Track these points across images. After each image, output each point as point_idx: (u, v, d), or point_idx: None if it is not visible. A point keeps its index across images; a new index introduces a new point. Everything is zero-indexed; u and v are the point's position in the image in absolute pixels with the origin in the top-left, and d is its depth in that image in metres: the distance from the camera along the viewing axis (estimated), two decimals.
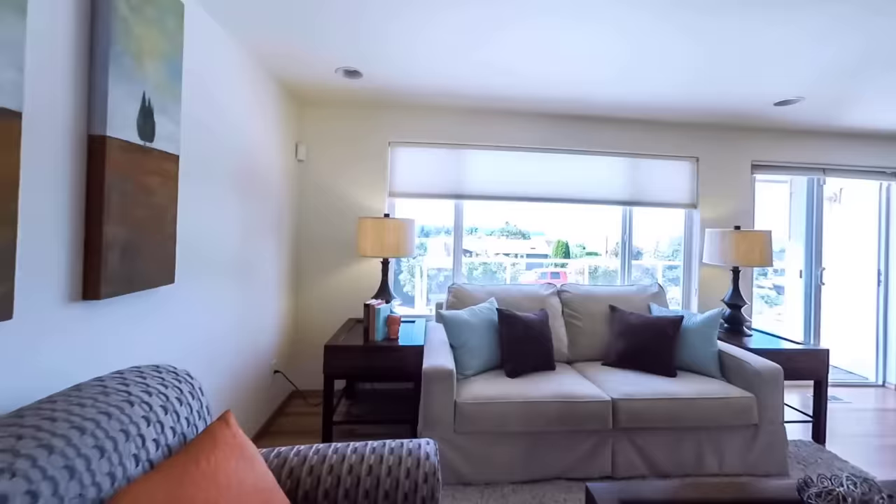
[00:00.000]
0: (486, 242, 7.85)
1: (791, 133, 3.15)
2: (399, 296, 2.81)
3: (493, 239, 8.10)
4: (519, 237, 7.79)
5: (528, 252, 7.27)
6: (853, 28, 1.69)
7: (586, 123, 2.96)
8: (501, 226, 8.18)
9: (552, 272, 6.12)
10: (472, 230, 8.81)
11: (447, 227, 8.68)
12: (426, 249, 6.97)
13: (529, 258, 7.13)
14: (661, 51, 1.92)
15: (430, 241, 7.25)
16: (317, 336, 2.64)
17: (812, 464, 1.97)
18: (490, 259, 6.42)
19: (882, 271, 3.27)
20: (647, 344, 2.09)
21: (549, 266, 6.56)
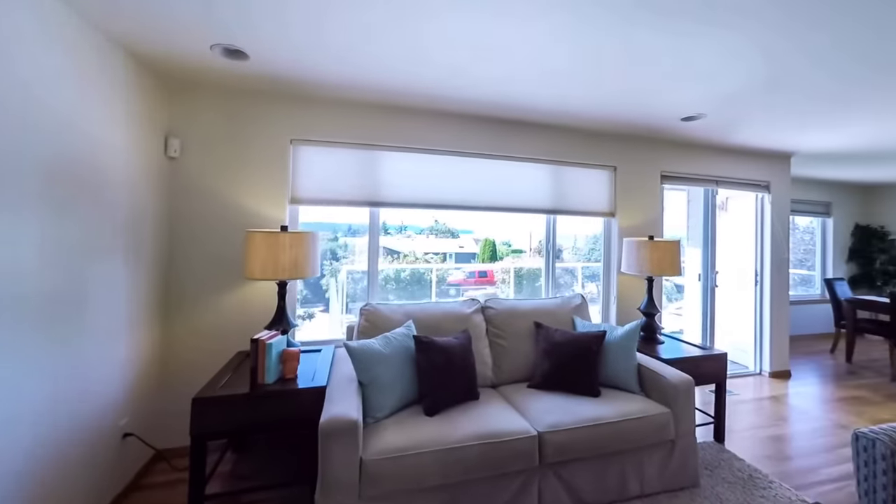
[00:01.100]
0: (415, 242, 7.60)
1: (694, 147, 3.39)
2: (323, 302, 2.41)
3: (423, 238, 7.88)
4: (448, 236, 7.69)
5: (457, 251, 7.19)
6: (755, 51, 1.75)
7: (511, 128, 2.83)
8: (431, 224, 7.99)
9: (480, 271, 6.10)
10: (402, 228, 8.49)
11: None
12: (352, 251, 6.48)
13: (459, 259, 7.07)
14: (592, 57, 1.81)
15: (357, 242, 6.77)
16: (194, 377, 2.13)
17: (717, 468, 2.08)
18: (419, 262, 6.17)
19: (758, 272, 3.71)
20: (572, 363, 2.02)
21: (477, 264, 6.57)
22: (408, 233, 8.47)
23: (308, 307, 5.72)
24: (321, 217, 2.56)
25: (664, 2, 1.39)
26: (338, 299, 2.67)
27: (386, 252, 6.73)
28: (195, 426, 1.49)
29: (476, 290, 5.63)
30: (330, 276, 4.80)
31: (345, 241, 6.66)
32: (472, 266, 6.65)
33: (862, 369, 3.89)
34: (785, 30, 1.57)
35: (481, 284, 5.81)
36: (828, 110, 2.49)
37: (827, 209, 5.41)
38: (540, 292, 3.23)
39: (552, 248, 3.05)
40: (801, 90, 2.17)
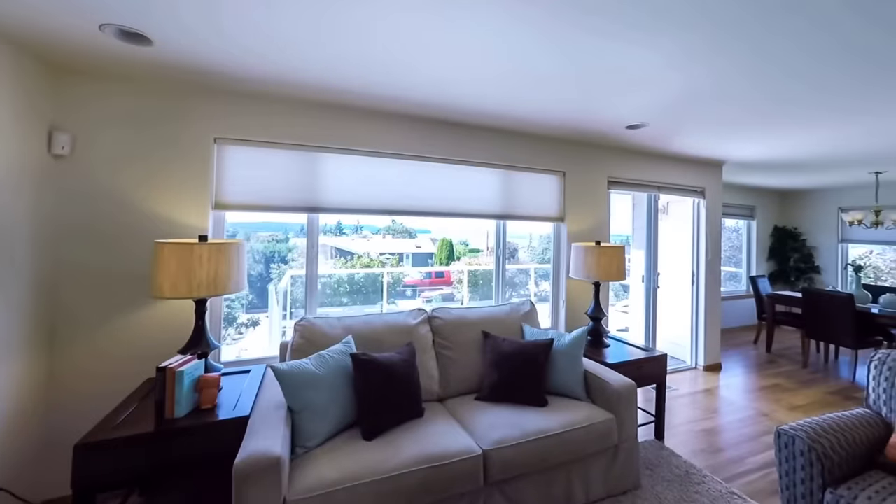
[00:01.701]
0: (371, 242, 7.36)
1: (638, 154, 3.52)
2: (268, 307, 2.18)
3: (380, 238, 7.66)
4: (406, 236, 7.54)
5: (414, 251, 7.08)
6: (691, 63, 1.78)
7: (460, 131, 2.76)
8: (388, 224, 7.80)
9: (436, 272, 6.04)
10: (359, 228, 8.20)
11: (329, 225, 7.87)
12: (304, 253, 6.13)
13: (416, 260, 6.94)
14: (538, 62, 1.77)
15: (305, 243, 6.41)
16: (92, 411, 1.82)
17: (657, 466, 2.15)
18: (374, 263, 5.95)
19: (694, 272, 3.96)
20: (520, 373, 1.98)
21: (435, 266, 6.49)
22: (364, 233, 8.21)
23: (255, 313, 5.33)
24: (270, 216, 2.33)
25: (612, 9, 1.35)
26: (279, 308, 2.44)
27: (338, 253, 6.41)
28: (79, 477, 1.24)
29: (432, 290, 5.55)
30: (278, 281, 4.51)
31: (295, 242, 6.28)
32: (429, 268, 6.55)
33: (779, 358, 4.29)
34: (718, 46, 1.61)
35: (437, 285, 5.74)
36: (753, 124, 2.66)
37: (751, 212, 5.93)
38: (503, 292, 3.20)
39: (503, 254, 3.03)
40: (731, 104, 2.28)
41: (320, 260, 2.65)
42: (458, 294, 5.49)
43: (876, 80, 1.91)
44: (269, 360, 2.23)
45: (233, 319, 4.00)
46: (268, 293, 2.72)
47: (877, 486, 1.52)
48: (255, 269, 4.45)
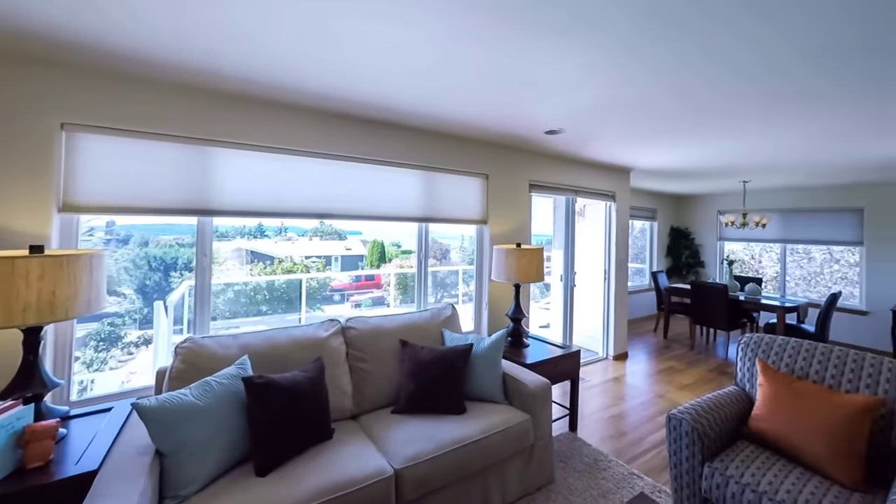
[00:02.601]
0: (297, 245, 6.87)
1: (558, 159, 3.72)
2: (181, 320, 1.83)
3: (306, 240, 7.19)
4: (335, 238, 7.17)
5: (344, 254, 6.76)
6: (600, 76, 1.86)
7: (380, 130, 2.65)
8: (316, 225, 7.35)
9: (366, 275, 5.85)
10: (282, 230, 7.61)
11: (249, 228, 7.15)
12: (216, 258, 5.46)
13: (346, 262, 6.63)
14: (458, 64, 1.72)
15: (222, 247, 5.74)
16: None
17: (569, 458, 2.28)
18: (298, 268, 5.54)
19: (606, 270, 4.32)
20: (438, 381, 1.95)
21: (364, 268, 6.27)
22: (289, 235, 7.64)
23: (150, 328, 4.61)
24: (172, 217, 1.98)
25: (531, 14, 1.35)
26: (168, 327, 2.07)
27: (255, 258, 5.85)
28: None
29: (362, 294, 5.34)
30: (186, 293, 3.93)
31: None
32: (358, 271, 6.28)
33: (673, 343, 4.90)
34: (621, 63, 1.70)
35: (367, 288, 5.55)
36: (652, 136, 2.94)
37: (654, 214, 6.68)
38: (425, 296, 3.14)
39: (425, 257, 2.98)
40: (634, 116, 2.48)
41: (234, 266, 2.34)
42: (389, 297, 5.36)
43: (738, 107, 2.22)
44: (142, 392, 1.91)
45: (116, 339, 3.40)
46: (163, 307, 2.31)
47: (742, 455, 1.75)
48: (152, 277, 3.85)
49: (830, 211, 5.38)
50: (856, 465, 1.59)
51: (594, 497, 1.95)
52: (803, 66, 1.73)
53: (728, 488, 1.62)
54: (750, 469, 1.65)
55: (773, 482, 1.57)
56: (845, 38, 1.48)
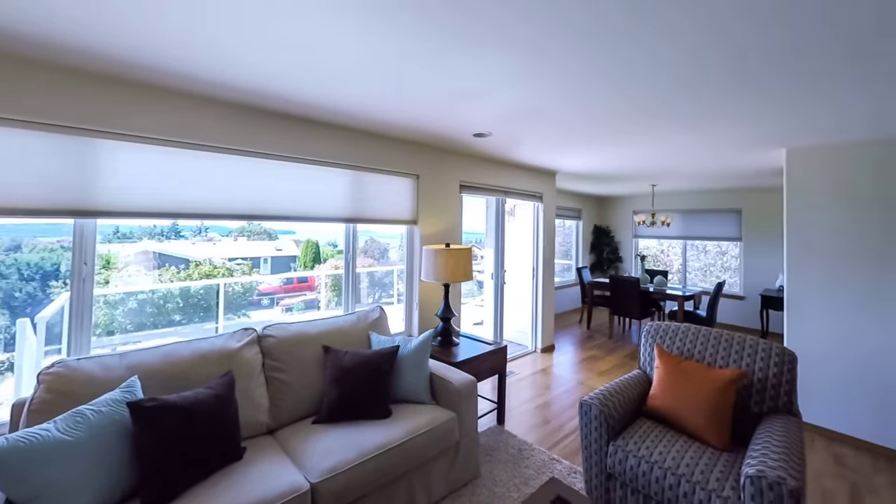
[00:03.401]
0: (219, 247, 6.28)
1: (487, 161, 3.84)
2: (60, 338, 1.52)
3: (230, 241, 6.60)
4: (264, 237, 6.67)
5: (274, 255, 6.31)
6: (521, 81, 1.91)
7: (305, 127, 2.52)
8: (242, 225, 6.77)
9: (299, 277, 5.54)
10: (202, 230, 6.91)
11: (161, 228, 6.40)
12: (116, 263, 4.76)
13: (277, 264, 6.19)
14: (383, 63, 1.68)
15: (122, 250, 5.03)
16: None
17: (496, 451, 2.38)
18: (219, 271, 5.05)
19: (535, 268, 4.57)
20: (363, 387, 1.91)
21: (297, 270, 5.93)
22: (209, 235, 6.96)
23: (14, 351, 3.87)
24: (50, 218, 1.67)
25: (449, 22, 1.36)
26: (36, 348, 1.71)
27: (164, 261, 5.19)
28: None
29: (293, 297, 5.04)
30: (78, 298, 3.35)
31: (107, 249, 4.86)
32: (290, 273, 5.89)
33: (596, 333, 5.34)
34: (540, 72, 1.77)
35: (300, 291, 5.25)
36: (573, 142, 3.11)
37: (579, 214, 7.21)
38: (362, 296, 3.05)
39: (353, 259, 2.91)
40: (554, 124, 2.59)
41: (139, 271, 2.06)
42: (324, 300, 5.13)
43: (646, 119, 2.46)
44: None
45: None
46: (30, 325, 1.94)
47: (640, 431, 1.95)
48: (24, 289, 3.21)
49: (718, 211, 6.24)
50: (724, 429, 1.86)
51: (516, 485, 2.05)
52: (681, 92, 1.97)
53: (627, 462, 1.80)
54: (645, 443, 1.85)
55: (662, 452, 1.77)
56: (717, 69, 1.71)
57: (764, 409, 1.94)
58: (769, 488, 1.40)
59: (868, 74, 1.75)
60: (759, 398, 1.95)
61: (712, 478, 1.61)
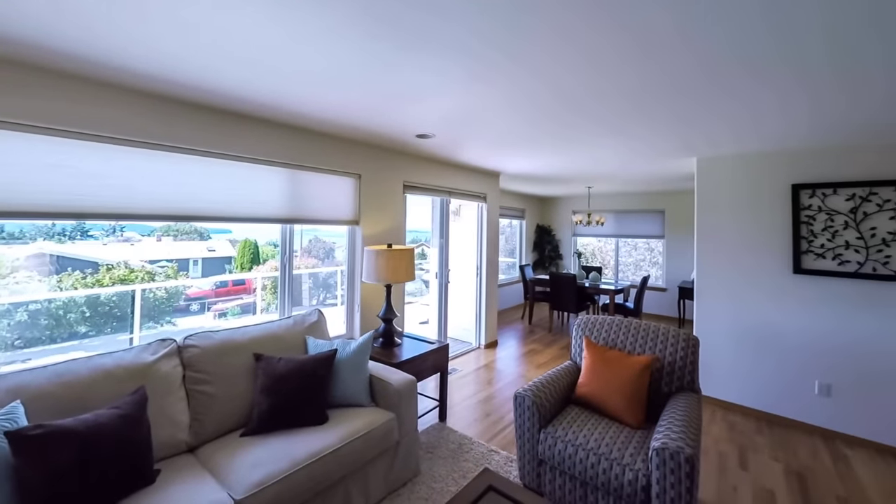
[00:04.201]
0: (138, 248, 5.64)
1: (431, 161, 3.86)
2: None
3: (153, 241, 5.96)
4: (194, 237, 6.09)
5: (206, 256, 5.79)
6: (461, 86, 1.93)
7: (238, 123, 2.37)
8: (168, 224, 6.14)
9: (235, 279, 5.16)
10: (117, 230, 6.17)
11: (60, 227, 5.66)
12: None
13: (209, 266, 5.68)
14: (321, 57, 1.61)
15: (10, 252, 4.33)
16: None
17: (436, 447, 2.41)
18: (137, 275, 4.52)
19: (479, 266, 4.69)
20: (298, 394, 1.84)
21: (233, 272, 5.51)
22: (125, 235, 6.23)
23: None
24: None
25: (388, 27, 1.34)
26: None
27: (64, 265, 4.48)
28: None
29: (228, 301, 4.67)
30: None
31: None
32: (224, 275, 5.42)
33: (537, 327, 5.62)
34: (480, 77, 1.79)
35: (235, 294, 4.88)
36: (515, 144, 3.20)
37: (522, 214, 7.53)
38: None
39: (289, 261, 2.79)
40: (493, 127, 2.67)
41: (30, 277, 1.81)
42: (264, 303, 4.85)
43: (570, 129, 2.63)
44: None
45: None
46: None
47: (569, 417, 2.10)
48: None
49: (646, 212, 6.85)
50: (640, 410, 2.06)
51: (455, 480, 2.10)
52: (594, 103, 2.14)
53: (556, 447, 1.92)
54: (572, 428, 1.99)
55: (586, 435, 1.92)
56: (632, 88, 1.87)
57: (672, 388, 2.18)
58: (670, 457, 1.58)
59: (745, 102, 2.03)
60: (669, 379, 2.19)
61: (627, 453, 1.77)
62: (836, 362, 2.88)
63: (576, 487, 1.85)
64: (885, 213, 2.74)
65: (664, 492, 1.58)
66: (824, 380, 2.92)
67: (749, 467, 2.43)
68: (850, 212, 2.85)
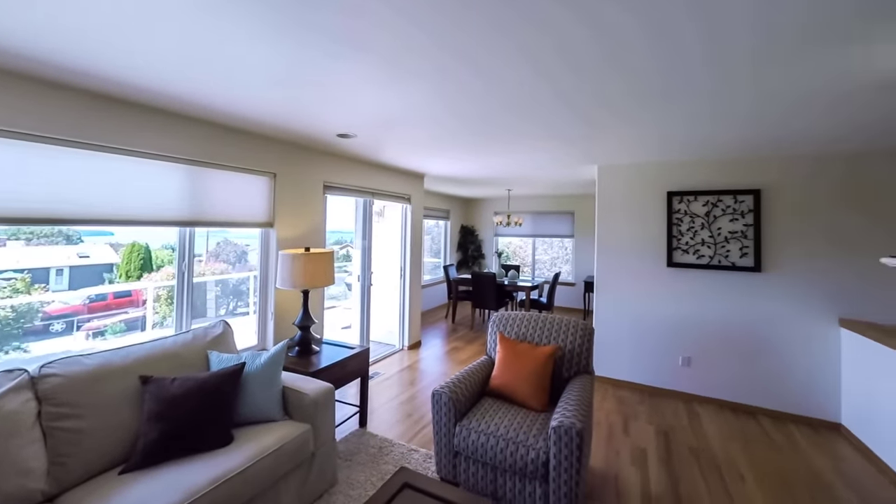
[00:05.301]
0: None
1: (354, 161, 3.78)
2: None
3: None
4: (59, 241, 5.04)
5: (75, 264, 4.82)
6: (380, 89, 1.93)
7: (125, 112, 2.07)
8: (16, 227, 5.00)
9: (117, 291, 4.43)
10: None
11: None
12: None
13: (79, 276, 4.72)
14: (233, 47, 1.47)
15: None
16: None
17: (355, 454, 2.40)
18: None
19: (403, 268, 4.73)
20: (196, 416, 1.68)
21: (116, 282, 4.70)
22: None
23: None
24: None
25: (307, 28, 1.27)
26: None
27: None
28: None
29: (107, 318, 3.93)
30: None
31: None
32: (104, 286, 4.54)
33: (459, 326, 5.85)
34: (403, 78, 1.79)
35: (118, 308, 4.13)
36: (438, 147, 3.25)
37: (447, 214, 7.74)
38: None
39: (188, 268, 2.52)
40: (418, 130, 2.68)
41: None
42: (157, 316, 4.22)
43: (482, 137, 2.80)
44: None
45: None
46: None
47: (482, 409, 2.24)
48: None
49: (559, 213, 7.53)
50: (544, 395, 2.29)
51: (374, 484, 2.11)
52: (506, 114, 2.32)
53: (469, 437, 2.05)
54: (485, 418, 2.13)
55: (497, 423, 2.07)
56: (543, 100, 2.07)
57: (571, 372, 2.45)
58: (565, 433, 1.79)
59: (632, 124, 2.39)
60: (569, 365, 2.46)
61: (531, 435, 1.96)
62: (694, 338, 3.52)
63: (487, 473, 2.00)
64: (726, 216, 3.42)
65: (559, 464, 1.79)
66: (686, 353, 3.55)
67: (630, 432, 2.86)
68: (705, 215, 3.50)
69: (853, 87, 1.77)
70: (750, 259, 3.33)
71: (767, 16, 1.23)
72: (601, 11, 1.22)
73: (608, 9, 1.21)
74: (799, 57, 1.49)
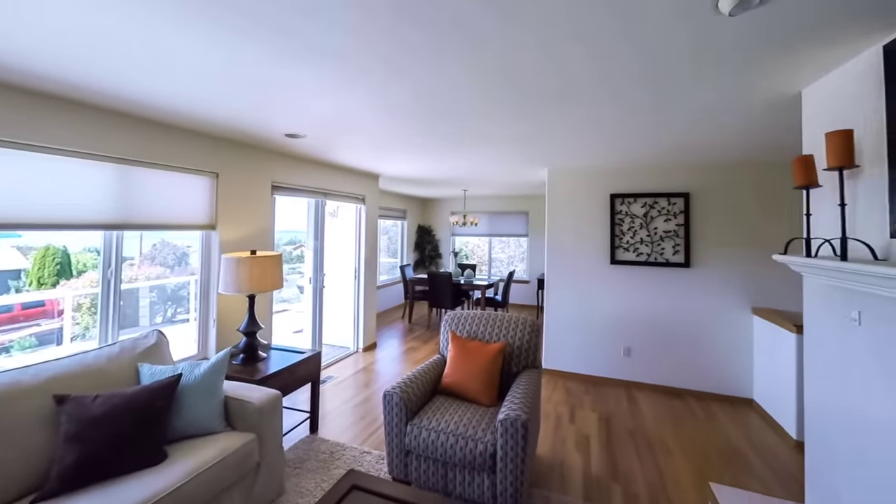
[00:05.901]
0: None
1: (304, 161, 3.66)
2: None
3: None
4: None
5: None
6: (332, 90, 1.91)
7: (37, 103, 1.85)
8: None
9: (26, 301, 3.91)
10: None
11: None
12: None
13: None
14: (165, 36, 1.36)
15: None
16: None
17: (305, 461, 2.34)
18: None
19: (357, 269, 4.66)
20: (122, 435, 1.56)
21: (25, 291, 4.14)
22: None
23: None
24: None
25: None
26: None
27: None
28: None
29: (11, 332, 3.42)
30: None
31: None
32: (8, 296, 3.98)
33: (416, 326, 5.87)
34: (354, 81, 1.77)
35: (28, 321, 3.63)
36: (392, 147, 3.21)
37: (404, 214, 7.72)
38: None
39: (114, 275, 2.32)
40: (367, 132, 2.67)
41: None
42: (78, 328, 3.78)
43: (436, 137, 2.83)
44: None
45: None
46: None
47: (434, 407, 2.27)
48: None
49: (514, 213, 7.77)
50: (493, 390, 2.38)
51: (324, 490, 2.08)
52: (441, 121, 2.38)
53: (421, 436, 2.08)
54: (436, 416, 2.17)
55: (448, 420, 2.12)
56: (486, 106, 2.13)
57: (520, 367, 2.56)
58: (511, 425, 1.88)
59: (576, 131, 2.54)
60: (517, 360, 2.57)
61: (480, 429, 2.03)
62: (634, 330, 3.82)
63: (438, 469, 2.04)
64: (662, 217, 3.74)
65: (506, 454, 1.88)
66: (627, 344, 3.84)
67: (576, 421, 3.05)
68: (643, 216, 3.80)
69: (743, 104, 2.02)
70: (681, 256, 3.67)
71: (656, 46, 1.38)
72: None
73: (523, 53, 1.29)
74: (693, 78, 1.69)
